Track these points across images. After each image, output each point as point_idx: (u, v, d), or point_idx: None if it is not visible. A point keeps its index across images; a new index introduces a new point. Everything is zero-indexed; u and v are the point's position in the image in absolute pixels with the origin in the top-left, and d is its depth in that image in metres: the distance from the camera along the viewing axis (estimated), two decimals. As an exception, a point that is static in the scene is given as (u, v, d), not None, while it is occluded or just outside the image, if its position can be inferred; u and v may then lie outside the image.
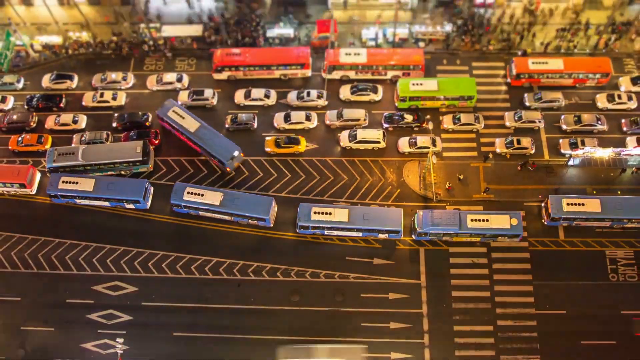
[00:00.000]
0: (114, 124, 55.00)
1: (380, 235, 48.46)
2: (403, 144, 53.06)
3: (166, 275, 48.41)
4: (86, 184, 49.26)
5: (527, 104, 55.37)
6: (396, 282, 47.57)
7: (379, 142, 52.63)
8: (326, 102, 56.06)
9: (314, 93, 55.91)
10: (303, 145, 53.17)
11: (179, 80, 56.92)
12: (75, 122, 54.98)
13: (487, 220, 46.58)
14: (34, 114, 55.74)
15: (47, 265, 48.90)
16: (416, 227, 47.71)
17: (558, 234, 49.17)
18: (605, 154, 50.35)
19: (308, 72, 57.58)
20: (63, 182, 49.38)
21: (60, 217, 51.07)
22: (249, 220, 49.27)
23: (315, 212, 47.49)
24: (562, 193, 50.15)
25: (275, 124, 54.94)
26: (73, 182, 49.34)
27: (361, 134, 52.81)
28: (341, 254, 48.89)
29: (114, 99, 56.39)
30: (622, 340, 44.83)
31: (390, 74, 56.96)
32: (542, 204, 49.73)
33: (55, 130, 55.21)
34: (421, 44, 59.94)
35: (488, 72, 58.36)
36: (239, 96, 56.44)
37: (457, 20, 60.47)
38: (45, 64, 60.12)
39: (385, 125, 54.41)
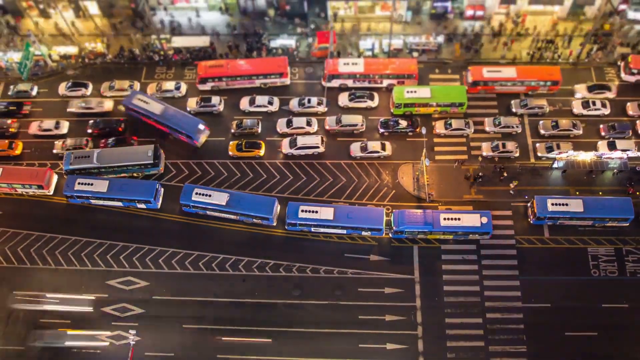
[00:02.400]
0: (89, 130, 54.81)
1: (364, 233, 48.76)
2: (355, 148, 53.39)
3: (176, 270, 48.66)
4: (100, 186, 49.59)
5: (514, 109, 55.77)
6: (391, 277, 47.79)
7: (318, 147, 52.91)
8: (326, 109, 56.45)
9: (314, 100, 56.31)
10: (263, 149, 53.55)
11: (177, 88, 57.11)
12: (57, 127, 54.98)
13: (459, 219, 46.91)
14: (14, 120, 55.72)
15: (64, 261, 49.19)
16: (392, 225, 48.06)
17: (543, 233, 49.47)
18: (588, 157, 50.74)
19: (287, 81, 57.63)
20: (79, 183, 49.74)
21: (76, 216, 51.31)
22: (254, 219, 49.63)
23: (302, 210, 47.81)
24: (547, 194, 50.47)
25: (278, 129, 55.33)
26: (88, 184, 49.70)
27: (301, 140, 53.10)
28: (340, 251, 49.10)
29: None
30: (603, 331, 45.03)
31: (385, 82, 57.32)
32: (528, 204, 50.09)
33: (38, 135, 55.16)
34: (415, 54, 60.37)
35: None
36: (244, 103, 56.82)
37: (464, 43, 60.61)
38: (63, 73, 60.44)
39: (381, 130, 54.80)
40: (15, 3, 61.83)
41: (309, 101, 56.17)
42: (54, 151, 54.17)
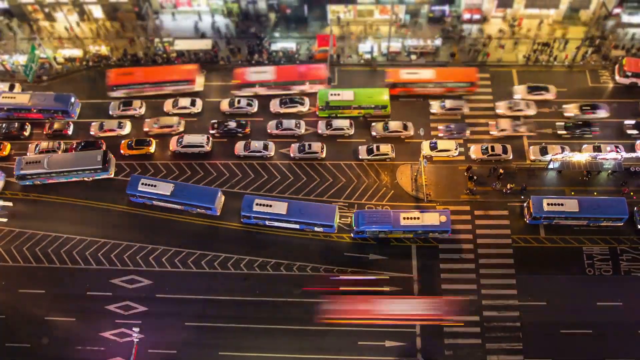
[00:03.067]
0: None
1: (316, 229, 48.96)
2: (239, 147, 53.79)
3: (178, 269, 48.80)
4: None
5: (433, 110, 55.67)
6: (390, 276, 47.95)
7: (203, 146, 53.13)
8: (255, 109, 56.46)
9: (243, 101, 56.38)
10: (153, 147, 53.93)
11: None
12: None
13: (419, 218, 47.10)
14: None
15: (69, 260, 49.34)
16: (353, 226, 48.14)
17: (539, 232, 49.63)
18: (583, 158, 50.94)
19: (195, 87, 57.54)
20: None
21: (83, 215, 51.46)
22: (197, 210, 50.00)
23: (257, 204, 48.01)
24: (542, 194, 50.68)
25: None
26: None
27: (187, 138, 53.34)
28: (340, 250, 49.26)
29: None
30: (598, 329, 45.16)
31: (297, 88, 57.20)
32: (525, 204, 50.26)
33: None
34: (413, 57, 60.58)
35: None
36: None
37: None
38: (68, 75, 60.70)
39: (212, 132, 54.82)
40: (21, 7, 62.08)
41: (239, 102, 56.32)
42: (28, 154, 54.20)
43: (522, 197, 51.08)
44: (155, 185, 49.22)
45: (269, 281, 48.02)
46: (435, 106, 55.94)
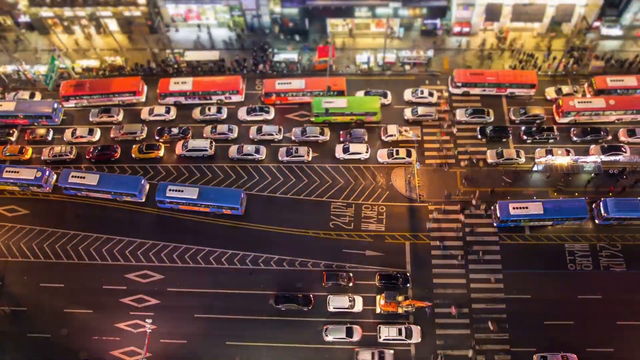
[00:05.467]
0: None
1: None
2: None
3: (188, 265, 49.29)
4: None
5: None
6: (386, 271, 48.28)
7: (206, 150, 53.95)
8: (224, 117, 57.10)
9: (213, 109, 57.15)
10: (162, 151, 54.77)
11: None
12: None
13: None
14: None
15: (86, 256, 49.95)
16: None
17: (524, 230, 50.22)
18: (565, 161, 51.56)
19: (141, 98, 58.44)
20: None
21: (101, 214, 52.07)
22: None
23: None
24: (526, 195, 51.24)
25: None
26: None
27: (192, 143, 54.08)
28: (338, 247, 49.79)
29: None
30: (579, 320, 45.69)
31: (215, 98, 57.90)
32: (492, 208, 50.52)
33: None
34: (407, 67, 61.29)
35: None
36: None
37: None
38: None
39: (157, 137, 55.30)
40: (41, 20, 62.88)
41: (209, 109, 57.07)
42: (42, 158, 54.80)
43: (509, 197, 51.61)
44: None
45: (272, 276, 48.48)
46: (407, 113, 56.55)
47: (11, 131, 56.96)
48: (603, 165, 51.80)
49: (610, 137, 54.63)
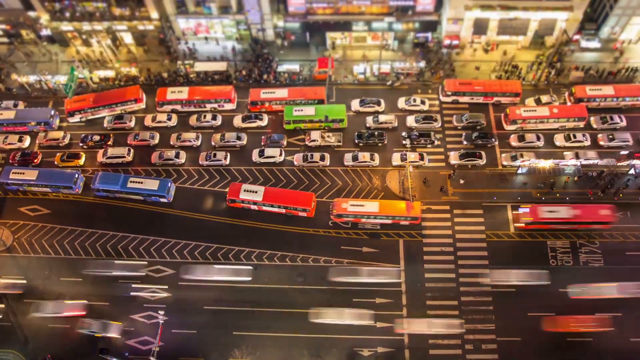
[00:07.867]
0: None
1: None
2: (154, 157, 55.30)
3: (198, 260, 50.10)
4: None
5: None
6: (381, 266, 49.13)
7: (124, 157, 54.84)
8: (219, 123, 57.97)
9: (209, 115, 58.02)
10: (82, 160, 55.36)
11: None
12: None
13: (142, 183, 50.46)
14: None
15: (103, 252, 50.70)
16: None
17: (509, 228, 50.96)
18: (547, 164, 52.46)
19: (142, 105, 59.28)
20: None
21: (117, 213, 52.70)
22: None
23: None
24: (512, 196, 51.98)
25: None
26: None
27: (110, 151, 55.26)
28: (336, 244, 50.33)
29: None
30: (560, 311, 46.28)
31: (209, 106, 58.82)
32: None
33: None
34: (401, 77, 62.27)
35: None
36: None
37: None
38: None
39: (129, 142, 56.50)
40: (62, 34, 63.96)
41: (205, 116, 58.06)
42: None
43: (494, 197, 52.57)
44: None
45: (275, 271, 49.15)
46: (369, 120, 57.42)
47: (22, 137, 57.56)
48: (583, 168, 52.70)
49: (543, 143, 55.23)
